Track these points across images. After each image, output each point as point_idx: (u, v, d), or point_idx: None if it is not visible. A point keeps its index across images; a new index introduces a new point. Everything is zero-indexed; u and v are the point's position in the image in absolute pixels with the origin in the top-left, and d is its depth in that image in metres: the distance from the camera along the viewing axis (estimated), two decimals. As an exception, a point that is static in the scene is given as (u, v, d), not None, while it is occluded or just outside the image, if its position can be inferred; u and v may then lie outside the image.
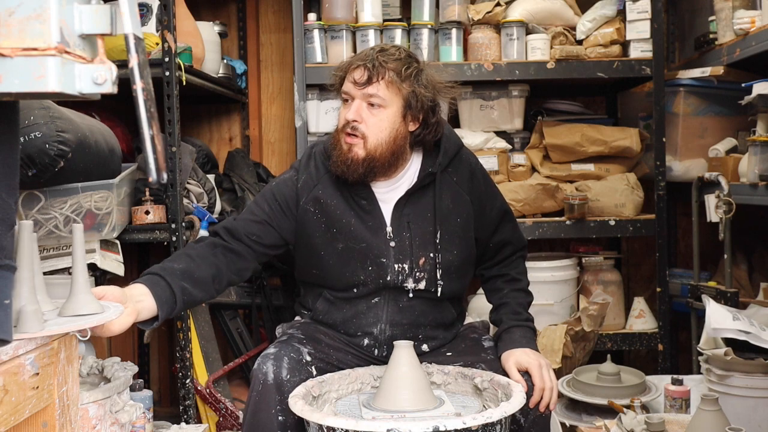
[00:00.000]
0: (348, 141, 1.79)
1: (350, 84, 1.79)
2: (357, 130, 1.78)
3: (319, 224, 1.86)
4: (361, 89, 1.77)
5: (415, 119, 1.81)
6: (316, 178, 1.88)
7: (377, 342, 1.88)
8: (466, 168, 1.92)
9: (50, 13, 0.86)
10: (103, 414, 1.68)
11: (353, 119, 1.77)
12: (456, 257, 1.87)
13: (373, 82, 1.76)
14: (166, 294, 1.67)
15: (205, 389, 2.64)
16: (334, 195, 1.86)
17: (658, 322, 2.81)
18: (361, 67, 1.77)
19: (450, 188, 1.88)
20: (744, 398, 2.02)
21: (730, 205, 2.47)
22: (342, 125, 1.80)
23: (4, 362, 1.03)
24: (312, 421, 1.49)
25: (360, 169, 1.78)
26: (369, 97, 1.77)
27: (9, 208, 1.04)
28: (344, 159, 1.79)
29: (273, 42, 3.41)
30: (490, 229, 1.96)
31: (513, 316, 1.90)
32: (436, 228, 1.85)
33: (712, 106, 2.85)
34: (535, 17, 2.81)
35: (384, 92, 1.76)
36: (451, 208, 1.87)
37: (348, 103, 1.81)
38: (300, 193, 1.88)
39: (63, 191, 2.19)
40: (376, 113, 1.77)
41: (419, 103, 1.78)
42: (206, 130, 3.42)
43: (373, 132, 1.77)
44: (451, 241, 1.86)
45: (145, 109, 0.94)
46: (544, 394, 1.74)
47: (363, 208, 1.85)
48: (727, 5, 2.63)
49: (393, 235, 1.84)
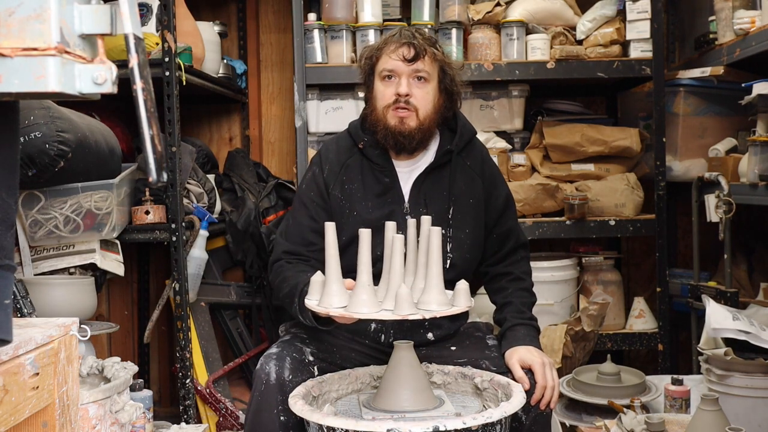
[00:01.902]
0: (400, 114, 1.88)
1: (397, 61, 1.87)
2: (410, 104, 1.88)
3: (344, 209, 1.93)
4: (410, 65, 1.87)
5: (444, 92, 1.93)
6: (339, 166, 1.96)
7: (384, 326, 1.90)
8: (478, 153, 2.03)
9: (50, 13, 0.85)
10: (103, 414, 1.68)
11: (406, 93, 1.86)
12: (468, 236, 1.95)
13: (420, 58, 1.86)
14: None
15: (205, 389, 2.64)
16: (355, 178, 1.94)
17: (658, 322, 2.81)
18: (406, 44, 1.87)
19: (464, 170, 1.98)
20: (744, 398, 2.02)
21: (730, 205, 2.47)
22: (392, 101, 1.88)
23: (4, 362, 1.03)
24: (312, 421, 1.49)
25: (417, 137, 1.89)
26: (417, 72, 1.87)
27: (9, 208, 1.04)
28: (400, 131, 1.88)
29: (273, 42, 3.41)
30: (495, 215, 2.01)
31: (517, 315, 1.91)
32: (450, 204, 1.92)
33: (712, 106, 2.85)
34: (535, 17, 2.81)
35: (429, 67, 1.88)
36: (464, 189, 1.96)
37: (392, 80, 1.89)
38: (327, 182, 1.96)
39: (63, 191, 2.19)
40: (423, 86, 1.89)
41: (449, 76, 1.92)
42: (206, 130, 3.42)
43: (423, 104, 1.89)
44: (464, 221, 1.94)
45: (145, 109, 0.94)
46: (545, 392, 1.75)
47: (385, 185, 1.93)
48: (727, 5, 2.62)
49: (410, 211, 1.92)
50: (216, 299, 2.98)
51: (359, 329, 1.90)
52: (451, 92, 1.94)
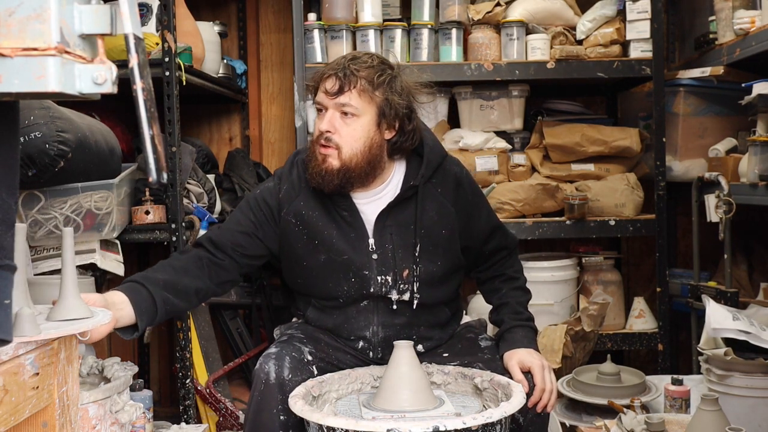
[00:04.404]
0: (322, 152, 1.77)
1: (323, 94, 1.76)
2: (331, 141, 1.76)
3: (301, 235, 1.85)
4: (333, 99, 1.74)
5: (391, 127, 1.79)
6: (298, 189, 1.86)
7: (371, 344, 1.87)
8: (451, 178, 1.89)
9: (50, 13, 0.85)
10: (103, 414, 1.68)
11: (326, 130, 1.75)
12: (439, 268, 1.85)
13: (345, 91, 1.73)
14: (147, 303, 1.68)
15: (205, 389, 2.64)
16: (316, 207, 1.84)
17: (658, 322, 2.81)
18: (332, 76, 1.74)
19: (434, 199, 1.86)
20: (744, 398, 2.02)
21: (730, 205, 2.47)
22: (316, 136, 1.78)
23: (4, 362, 1.03)
24: (312, 421, 1.49)
25: (335, 180, 1.76)
26: (341, 106, 1.74)
27: (9, 208, 1.04)
28: (319, 170, 1.77)
29: (273, 42, 3.41)
30: (481, 238, 1.95)
31: (514, 316, 1.90)
32: (416, 240, 1.82)
33: (712, 106, 2.85)
34: (535, 17, 2.81)
35: (356, 101, 1.74)
36: (435, 220, 1.85)
37: (322, 114, 1.78)
38: (282, 203, 1.86)
39: (63, 191, 2.18)
40: (349, 122, 1.75)
41: (393, 110, 1.76)
42: (206, 130, 3.42)
43: (347, 142, 1.75)
44: (435, 253, 1.84)
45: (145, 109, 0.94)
46: (543, 396, 1.75)
47: (345, 219, 1.83)
48: (727, 5, 2.62)
49: (375, 247, 1.82)
50: (216, 299, 2.98)
51: (348, 343, 1.89)
52: (404, 121, 1.78)
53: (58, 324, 1.23)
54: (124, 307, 1.64)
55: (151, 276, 1.73)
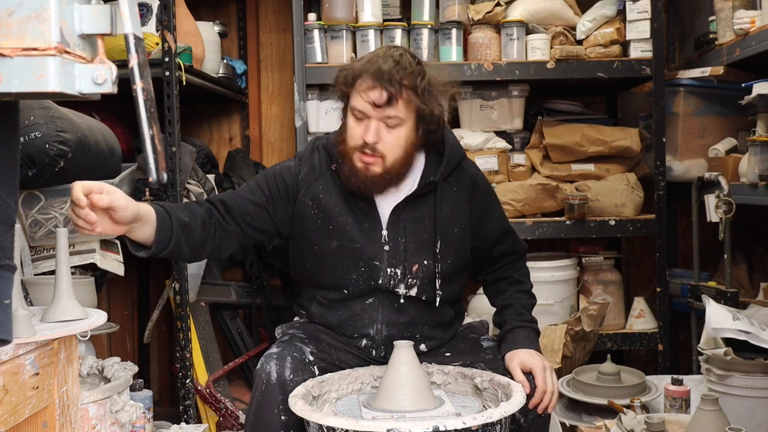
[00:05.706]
0: (365, 160, 1.76)
1: (366, 104, 1.74)
2: (376, 151, 1.75)
3: (315, 219, 1.85)
4: (380, 111, 1.73)
5: (422, 127, 1.80)
6: (318, 173, 1.87)
7: (374, 343, 1.88)
8: (467, 178, 1.91)
9: (50, 13, 0.85)
10: (103, 414, 1.68)
11: (374, 141, 1.74)
12: (450, 266, 1.86)
13: (393, 104, 1.72)
14: (166, 236, 1.69)
15: (205, 389, 2.65)
16: (334, 193, 1.85)
17: (658, 322, 2.81)
18: (379, 88, 1.71)
19: (450, 198, 1.87)
20: (744, 398, 2.02)
21: (730, 205, 2.47)
22: (357, 144, 1.76)
23: (4, 362, 1.03)
24: (312, 421, 1.49)
25: (380, 186, 1.79)
26: (387, 118, 1.74)
27: (9, 208, 1.04)
28: (362, 178, 1.77)
29: (273, 42, 3.41)
30: (491, 240, 1.96)
31: (517, 317, 1.90)
32: (437, 237, 1.83)
33: (712, 106, 2.85)
34: (535, 17, 2.81)
35: (402, 112, 1.74)
36: (450, 218, 1.86)
37: (362, 121, 1.76)
38: (300, 184, 1.87)
39: (63, 191, 2.18)
40: (393, 132, 1.75)
41: (430, 113, 1.78)
42: (206, 130, 3.42)
43: (391, 149, 1.76)
44: (447, 251, 1.85)
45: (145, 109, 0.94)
46: (544, 397, 1.74)
47: (361, 208, 1.84)
48: (727, 5, 2.62)
49: (388, 239, 1.83)
50: (216, 299, 2.98)
51: (351, 342, 1.89)
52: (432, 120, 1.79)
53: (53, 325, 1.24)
54: (148, 226, 1.65)
55: (178, 214, 1.72)
